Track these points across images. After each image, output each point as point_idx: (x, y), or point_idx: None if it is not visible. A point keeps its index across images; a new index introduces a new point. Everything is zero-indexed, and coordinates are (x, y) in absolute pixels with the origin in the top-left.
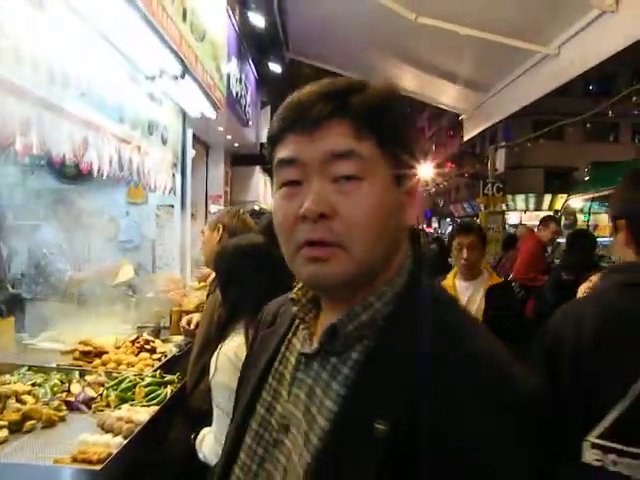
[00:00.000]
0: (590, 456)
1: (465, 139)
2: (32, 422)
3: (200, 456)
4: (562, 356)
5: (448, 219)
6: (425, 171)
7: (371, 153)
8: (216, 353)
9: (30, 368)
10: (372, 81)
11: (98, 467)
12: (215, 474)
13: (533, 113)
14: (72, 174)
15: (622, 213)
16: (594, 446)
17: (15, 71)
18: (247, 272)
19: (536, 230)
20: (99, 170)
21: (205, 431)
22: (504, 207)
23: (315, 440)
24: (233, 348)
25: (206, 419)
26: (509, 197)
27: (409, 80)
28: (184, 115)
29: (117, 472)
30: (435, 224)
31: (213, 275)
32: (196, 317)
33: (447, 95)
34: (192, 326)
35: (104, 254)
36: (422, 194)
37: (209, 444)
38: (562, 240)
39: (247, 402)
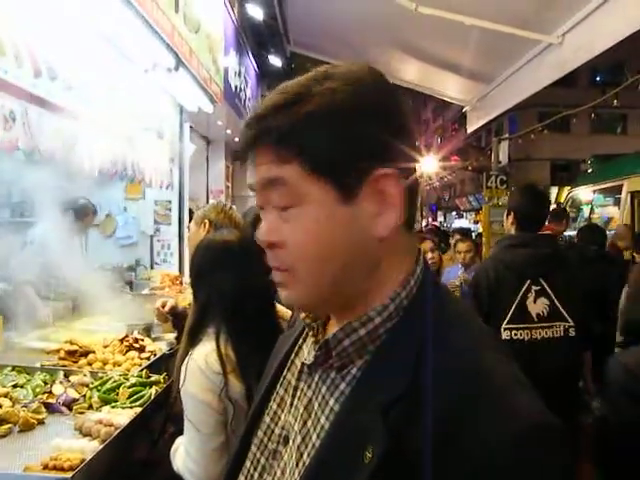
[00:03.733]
0: (505, 335)
1: (469, 131)
2: (8, 426)
3: (174, 467)
4: (481, 288)
5: (454, 213)
6: (429, 165)
7: (298, 177)
8: (187, 359)
9: (14, 368)
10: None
11: (69, 474)
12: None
13: (539, 105)
14: (67, 169)
15: (512, 208)
16: (505, 329)
17: None
18: (217, 271)
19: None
20: (91, 166)
21: (179, 441)
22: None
23: (306, 457)
24: (203, 355)
25: None
26: (513, 190)
27: (412, 72)
28: (181, 109)
29: (91, 479)
30: (440, 218)
31: None
32: (171, 301)
33: (451, 87)
34: (166, 309)
35: (102, 250)
36: (406, 192)
37: (181, 457)
38: (570, 233)
39: (255, 408)
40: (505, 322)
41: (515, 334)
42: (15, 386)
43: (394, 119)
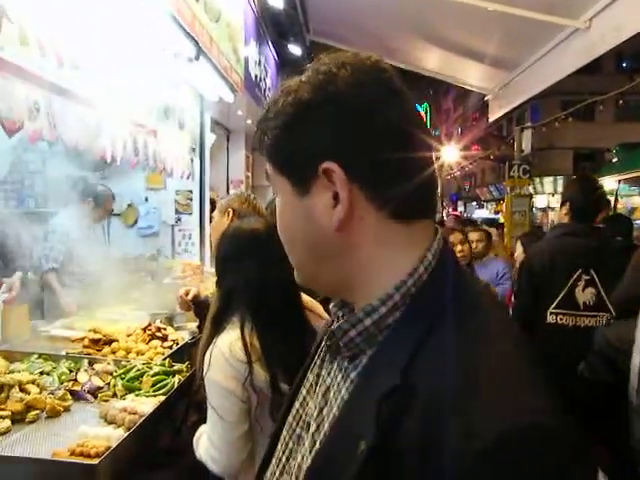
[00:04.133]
0: (550, 318)
1: (490, 120)
2: (35, 412)
3: (197, 455)
4: (534, 268)
5: (474, 202)
6: (450, 154)
7: (272, 173)
8: (211, 347)
9: (40, 356)
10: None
11: (95, 461)
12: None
13: (562, 92)
14: (88, 160)
15: (567, 198)
16: (551, 313)
17: (21, 54)
18: (243, 259)
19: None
20: (113, 155)
21: (202, 429)
22: (531, 190)
23: (318, 445)
24: (227, 343)
25: None
26: (536, 180)
27: (433, 60)
28: (202, 99)
29: (116, 466)
30: (461, 208)
31: None
32: (194, 289)
33: (473, 75)
34: (189, 297)
35: (124, 240)
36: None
37: (203, 445)
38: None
39: (291, 393)
40: (553, 306)
41: (561, 319)
42: (42, 373)
43: (348, 119)
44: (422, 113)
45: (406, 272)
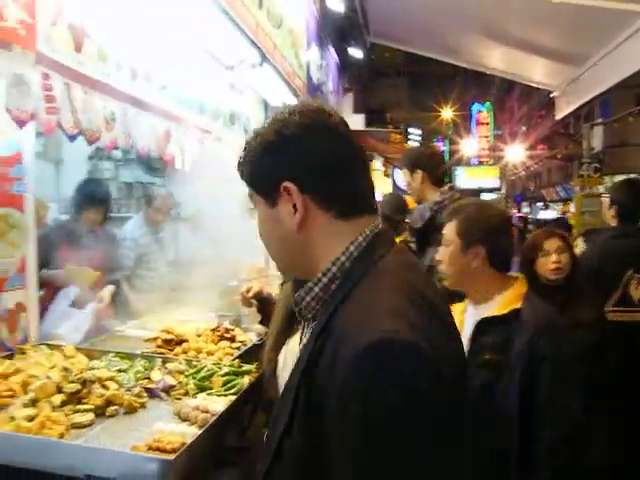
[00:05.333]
0: (610, 316)
1: (557, 118)
2: (114, 407)
3: None
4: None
5: (539, 203)
6: (514, 154)
7: (251, 192)
8: (284, 347)
9: (117, 354)
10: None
11: (172, 457)
12: None
13: (636, 85)
14: (158, 167)
15: (614, 201)
16: (610, 312)
17: (99, 69)
18: None
19: None
20: (182, 163)
21: None
22: (602, 189)
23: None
24: (298, 342)
25: None
26: (607, 178)
27: (496, 58)
28: (265, 105)
29: (190, 461)
30: (526, 209)
31: None
32: (256, 286)
33: (538, 71)
34: (250, 294)
35: (192, 245)
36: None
37: None
38: None
39: None
40: (611, 305)
41: (620, 316)
42: (119, 371)
43: (298, 152)
44: (486, 112)
45: (341, 252)
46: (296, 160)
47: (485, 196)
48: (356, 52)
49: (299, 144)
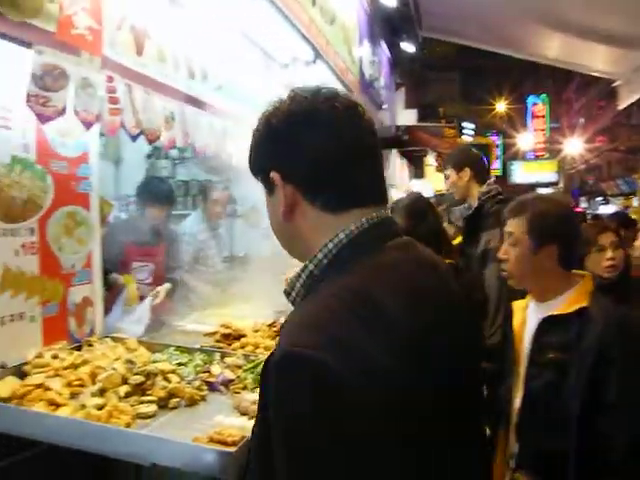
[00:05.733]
0: None
1: (620, 107)
2: (176, 400)
3: None
4: None
5: (599, 198)
6: (572, 147)
7: (256, 180)
8: None
9: (177, 348)
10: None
11: (233, 449)
12: None
13: None
14: (215, 165)
15: None
16: None
17: (159, 69)
18: None
19: None
20: (238, 160)
21: None
22: None
23: None
24: None
25: None
26: None
27: (554, 47)
28: None
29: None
30: (584, 204)
31: None
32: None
33: (599, 59)
34: None
35: (248, 241)
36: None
37: None
38: None
39: None
40: None
41: None
42: (179, 364)
43: (282, 143)
44: (541, 105)
45: (330, 240)
46: (280, 151)
47: (542, 191)
48: (408, 47)
49: (284, 135)
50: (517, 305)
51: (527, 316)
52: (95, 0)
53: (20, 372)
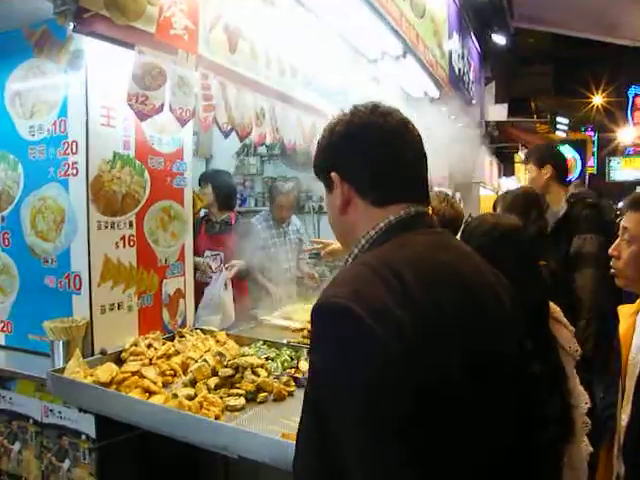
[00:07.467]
0: None
1: None
2: (264, 394)
3: None
4: None
5: None
6: None
7: (319, 179)
8: None
9: (265, 342)
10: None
11: None
12: None
13: None
14: (302, 161)
15: None
16: None
17: (251, 67)
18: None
19: None
20: None
21: None
22: None
23: None
24: None
25: None
26: None
27: None
28: (407, 98)
29: None
30: None
31: None
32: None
33: None
34: (328, 249)
35: (330, 235)
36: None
37: None
38: None
39: None
40: None
41: None
42: (267, 359)
43: (343, 149)
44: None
45: (372, 227)
46: (340, 156)
47: None
48: (499, 39)
49: (344, 141)
50: (624, 310)
51: (636, 322)
52: (192, 1)
53: (118, 359)
